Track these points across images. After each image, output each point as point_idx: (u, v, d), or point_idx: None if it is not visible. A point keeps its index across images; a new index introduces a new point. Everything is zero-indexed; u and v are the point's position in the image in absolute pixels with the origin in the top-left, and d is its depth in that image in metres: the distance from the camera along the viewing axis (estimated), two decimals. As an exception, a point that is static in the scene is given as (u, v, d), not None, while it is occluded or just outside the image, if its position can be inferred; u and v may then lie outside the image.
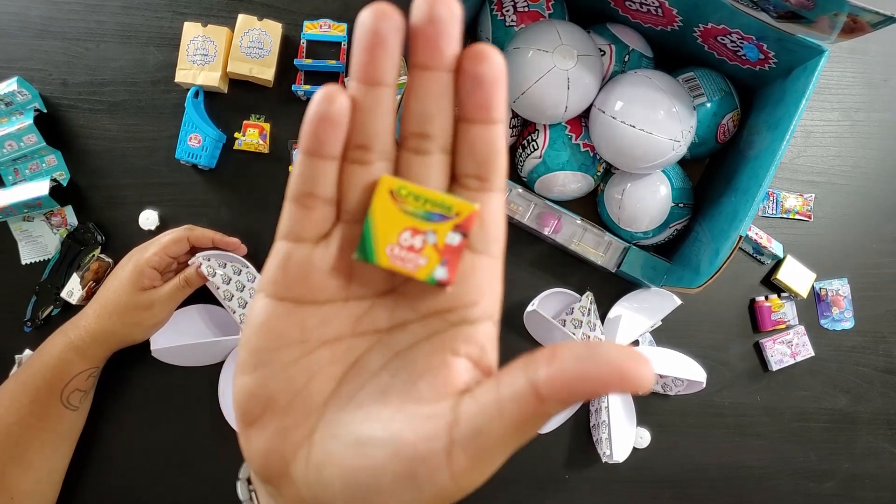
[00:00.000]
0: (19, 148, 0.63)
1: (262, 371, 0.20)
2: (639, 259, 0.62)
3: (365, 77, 0.19)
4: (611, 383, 0.17)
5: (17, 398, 0.58)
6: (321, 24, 0.65)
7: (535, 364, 0.18)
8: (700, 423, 0.69)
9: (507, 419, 0.18)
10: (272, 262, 0.21)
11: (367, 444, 0.19)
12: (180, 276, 0.61)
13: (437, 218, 0.20)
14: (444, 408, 0.19)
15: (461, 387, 0.20)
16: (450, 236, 0.20)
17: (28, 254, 0.66)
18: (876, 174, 0.70)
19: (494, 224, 0.21)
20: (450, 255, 0.20)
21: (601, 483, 0.68)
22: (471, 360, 0.20)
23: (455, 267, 0.20)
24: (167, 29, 0.66)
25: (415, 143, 0.20)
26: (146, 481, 0.66)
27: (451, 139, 0.21)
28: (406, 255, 0.20)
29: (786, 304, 0.68)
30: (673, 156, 0.56)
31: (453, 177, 0.21)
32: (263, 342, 0.21)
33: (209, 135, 0.64)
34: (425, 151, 0.20)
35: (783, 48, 0.53)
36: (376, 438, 0.19)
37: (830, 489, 0.70)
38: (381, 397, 0.20)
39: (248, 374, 0.21)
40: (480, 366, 0.21)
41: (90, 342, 0.59)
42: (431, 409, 0.19)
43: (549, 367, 0.17)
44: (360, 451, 0.19)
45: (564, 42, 0.55)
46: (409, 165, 0.21)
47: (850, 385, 0.70)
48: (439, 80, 0.20)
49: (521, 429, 0.18)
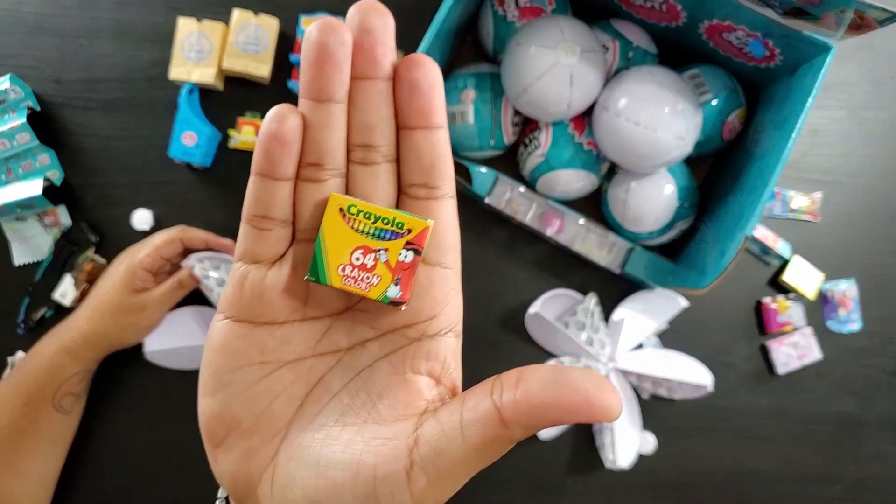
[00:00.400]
0: (12, 146, 0.62)
1: (224, 392, 0.20)
2: (643, 260, 0.61)
3: (314, 93, 0.19)
4: (577, 411, 0.17)
5: (8, 401, 0.57)
6: (317, 20, 0.64)
7: (501, 387, 0.18)
8: (705, 426, 0.68)
9: (469, 442, 0.17)
10: (229, 283, 0.21)
11: (329, 467, 0.19)
12: (173, 278, 0.60)
13: (388, 235, 0.20)
14: (405, 428, 0.19)
15: (423, 406, 0.20)
16: (402, 254, 0.20)
17: (21, 254, 0.65)
18: (884, 173, 0.69)
19: (447, 233, 0.21)
20: (403, 272, 0.20)
21: (604, 489, 0.67)
22: (432, 377, 0.20)
23: (409, 285, 0.20)
24: (162, 25, 0.65)
25: (360, 155, 0.21)
26: (140, 485, 0.65)
27: (396, 149, 0.21)
28: (358, 275, 0.20)
29: (792, 306, 0.67)
30: (678, 154, 0.55)
31: (401, 189, 0.21)
32: (224, 363, 0.20)
33: (204, 132, 0.63)
34: (371, 161, 0.21)
35: (789, 45, 0.52)
36: (337, 461, 0.19)
37: (837, 493, 0.69)
38: (341, 418, 0.20)
39: (210, 396, 0.20)
40: (443, 381, 0.20)
41: (82, 344, 0.58)
42: (392, 429, 0.19)
43: (514, 392, 0.17)
44: (321, 472, 0.19)
45: (567, 38, 0.54)
46: (356, 177, 0.21)
47: (857, 388, 0.69)
48: (377, 90, 0.20)
49: (483, 452, 0.18)
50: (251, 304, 0.20)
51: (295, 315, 0.21)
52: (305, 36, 0.19)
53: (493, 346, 0.67)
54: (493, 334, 0.67)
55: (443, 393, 0.20)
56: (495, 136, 0.61)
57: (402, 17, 0.66)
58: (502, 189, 0.60)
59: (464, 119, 0.60)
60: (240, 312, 0.21)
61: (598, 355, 0.64)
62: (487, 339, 0.67)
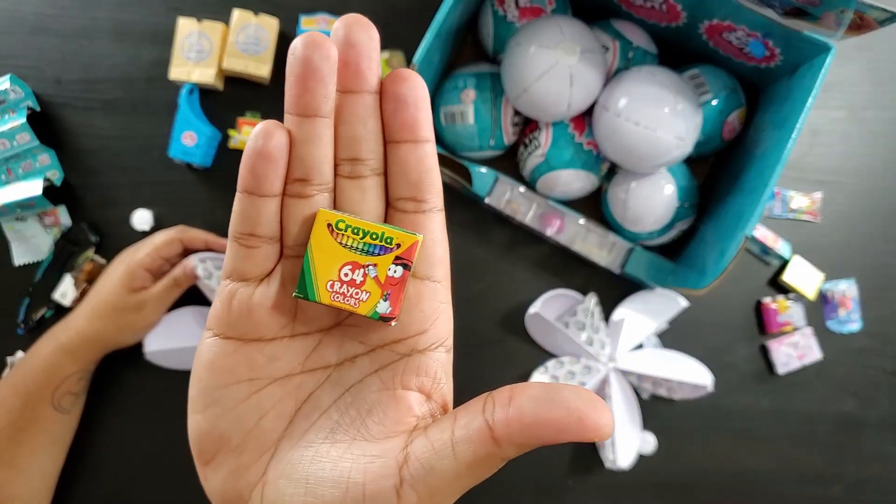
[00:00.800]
0: (12, 147, 0.62)
1: (213, 409, 0.20)
2: (643, 260, 0.61)
3: (299, 108, 0.19)
4: (569, 430, 0.17)
5: (7, 401, 0.57)
6: (318, 20, 0.64)
7: (493, 405, 0.18)
8: (705, 426, 0.68)
9: (461, 460, 0.17)
10: (217, 300, 0.21)
11: (318, 484, 0.19)
12: (169, 275, 0.60)
13: (377, 250, 0.20)
14: (395, 445, 0.19)
15: (413, 422, 0.19)
16: (392, 269, 0.20)
17: (21, 255, 0.65)
18: (884, 173, 0.69)
19: (435, 246, 0.21)
20: (392, 287, 0.20)
21: (604, 489, 0.67)
22: (423, 392, 0.20)
23: (398, 300, 0.20)
24: (162, 25, 0.65)
25: (348, 169, 0.21)
26: (139, 485, 0.65)
27: (383, 162, 0.21)
28: (347, 291, 0.20)
29: (792, 306, 0.67)
30: (678, 154, 0.55)
31: (388, 202, 0.21)
32: (212, 380, 0.20)
33: (204, 133, 0.63)
34: (359, 175, 0.21)
35: (789, 45, 0.52)
36: (325, 479, 0.19)
37: (836, 493, 0.69)
38: (330, 435, 0.20)
39: (199, 413, 0.20)
40: (434, 397, 0.20)
41: (80, 344, 0.58)
42: (381, 447, 0.19)
43: (506, 410, 0.17)
44: (310, 490, 0.19)
45: (567, 38, 0.54)
46: (344, 191, 0.21)
47: (857, 388, 0.69)
48: (364, 103, 0.20)
49: (474, 470, 0.17)
50: (239, 322, 0.20)
51: (284, 331, 0.21)
52: (290, 51, 0.19)
53: (494, 346, 0.67)
54: (493, 334, 0.67)
55: (433, 409, 0.20)
56: (495, 136, 0.61)
57: (402, 18, 0.67)
58: (502, 189, 0.60)
59: (464, 119, 0.60)
60: (228, 329, 0.21)
61: (598, 355, 0.63)
62: (487, 339, 0.67)
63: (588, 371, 0.64)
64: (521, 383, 0.18)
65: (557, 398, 0.17)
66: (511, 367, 0.67)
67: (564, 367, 0.64)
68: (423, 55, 0.51)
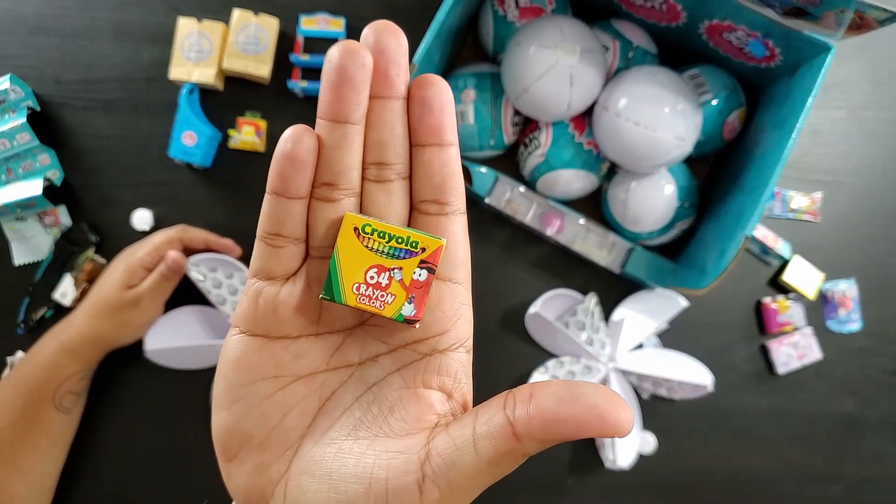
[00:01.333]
0: (12, 147, 0.62)
1: (238, 406, 0.21)
2: (643, 260, 0.61)
3: (331, 114, 0.20)
4: (589, 426, 0.17)
5: (8, 401, 0.57)
6: (318, 20, 0.64)
7: (514, 402, 0.18)
8: (705, 426, 0.68)
9: (482, 456, 0.18)
10: (244, 298, 0.21)
11: (341, 480, 0.19)
12: (156, 270, 0.59)
13: (403, 254, 0.20)
14: (417, 442, 0.19)
15: (434, 420, 0.20)
16: (416, 272, 0.20)
17: (21, 255, 0.65)
18: (884, 173, 0.69)
19: (457, 249, 0.21)
20: (417, 291, 0.20)
21: (604, 489, 0.67)
22: (444, 392, 0.21)
23: (422, 303, 0.20)
24: (162, 25, 0.65)
25: (374, 173, 0.21)
26: (140, 485, 0.65)
27: (409, 166, 0.21)
28: (373, 293, 0.20)
29: (792, 306, 0.67)
30: (678, 154, 0.55)
31: (412, 205, 0.22)
32: (238, 377, 0.21)
33: (204, 132, 0.63)
34: (385, 179, 0.21)
35: (789, 45, 0.52)
36: (349, 475, 0.19)
37: (836, 493, 0.69)
38: (353, 432, 0.20)
39: (224, 410, 0.21)
40: (454, 396, 0.21)
41: (81, 344, 0.58)
42: (403, 443, 0.19)
43: (527, 406, 0.17)
44: (333, 486, 0.19)
45: (567, 38, 0.53)
46: (370, 194, 0.21)
47: (857, 388, 0.69)
48: (391, 108, 0.20)
49: (495, 466, 0.18)
50: (265, 319, 0.21)
51: (308, 330, 0.21)
52: (327, 58, 0.19)
53: (493, 346, 0.67)
54: (493, 334, 0.67)
55: (454, 408, 0.21)
56: (495, 136, 0.61)
57: (402, 18, 0.67)
58: (502, 189, 0.60)
59: (464, 119, 0.60)
60: (254, 327, 0.21)
61: (598, 355, 0.63)
62: (487, 339, 0.67)
63: (588, 371, 0.64)
64: (543, 381, 0.18)
65: (578, 395, 0.17)
66: (511, 366, 0.67)
67: (564, 367, 0.64)
68: (424, 55, 0.51)
